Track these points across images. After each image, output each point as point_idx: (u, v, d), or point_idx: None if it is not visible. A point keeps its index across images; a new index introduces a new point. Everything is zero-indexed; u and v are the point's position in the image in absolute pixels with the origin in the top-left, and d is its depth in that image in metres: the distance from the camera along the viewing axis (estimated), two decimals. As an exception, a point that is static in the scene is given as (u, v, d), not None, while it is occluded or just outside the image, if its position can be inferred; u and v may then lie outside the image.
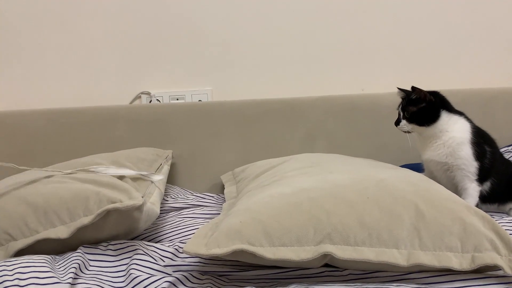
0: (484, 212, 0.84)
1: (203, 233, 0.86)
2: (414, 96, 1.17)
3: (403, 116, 1.20)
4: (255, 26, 1.67)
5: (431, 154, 1.17)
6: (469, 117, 1.21)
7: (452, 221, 0.81)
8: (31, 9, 1.64)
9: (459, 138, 1.14)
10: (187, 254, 0.79)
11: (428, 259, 0.77)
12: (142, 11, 1.65)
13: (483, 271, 0.79)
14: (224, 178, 1.46)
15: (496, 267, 0.77)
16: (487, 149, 1.16)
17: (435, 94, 1.19)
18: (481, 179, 1.14)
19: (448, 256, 0.78)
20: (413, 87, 1.17)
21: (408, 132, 1.20)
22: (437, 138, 1.16)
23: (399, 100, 1.23)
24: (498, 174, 1.17)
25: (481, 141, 1.15)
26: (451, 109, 1.19)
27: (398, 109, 1.23)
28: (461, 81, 1.64)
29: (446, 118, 1.16)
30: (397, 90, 1.23)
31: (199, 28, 1.66)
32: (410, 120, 1.18)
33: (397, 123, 1.21)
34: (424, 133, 1.18)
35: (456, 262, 0.77)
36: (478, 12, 1.65)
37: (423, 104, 1.16)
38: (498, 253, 0.78)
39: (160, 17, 1.66)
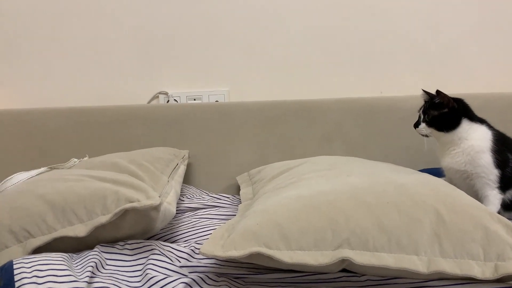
0: (507, 220, 0.82)
1: (220, 234, 0.86)
2: (438, 100, 1.15)
3: (423, 119, 1.18)
4: (273, 27, 1.66)
5: (450, 161, 1.15)
6: (492, 123, 1.18)
7: (474, 227, 0.79)
8: (49, 7, 1.66)
9: (477, 146, 1.12)
10: (203, 255, 0.79)
11: (450, 266, 0.76)
12: (161, 10, 1.66)
13: (505, 281, 0.77)
14: (240, 179, 1.45)
15: (520, 277, 0.75)
16: (510, 156, 1.13)
17: (458, 101, 1.17)
18: (503, 187, 1.12)
19: (470, 264, 0.76)
20: (437, 91, 1.15)
21: (426, 136, 1.19)
22: (455, 145, 1.14)
23: (421, 102, 1.22)
24: None
25: (504, 148, 1.13)
26: (473, 118, 1.17)
27: (419, 111, 1.21)
28: (482, 85, 1.61)
29: (466, 126, 1.14)
30: (421, 92, 1.21)
31: (217, 29, 1.66)
32: (430, 124, 1.17)
33: (416, 125, 1.20)
34: (442, 138, 1.17)
35: (479, 270, 0.75)
36: (499, 16, 1.61)
37: (445, 110, 1.15)
38: (522, 262, 0.75)
39: (178, 17, 1.66)
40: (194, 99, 1.69)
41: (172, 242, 1.05)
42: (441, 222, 0.80)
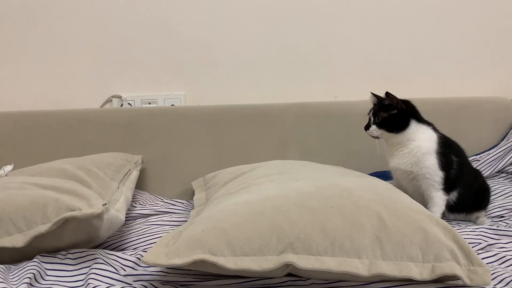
0: (445, 222, 0.85)
1: (165, 242, 0.84)
2: (387, 102, 1.18)
3: (373, 121, 1.20)
4: (230, 32, 1.66)
5: (397, 162, 1.18)
6: (438, 126, 1.22)
7: (413, 230, 0.81)
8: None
9: (424, 147, 1.15)
10: (145, 264, 0.77)
11: (389, 268, 0.77)
12: (115, 13, 1.63)
13: (443, 281, 0.80)
14: (195, 184, 1.44)
15: (455, 277, 0.78)
16: (454, 159, 1.17)
17: (406, 103, 1.20)
18: (447, 188, 1.15)
19: (409, 265, 0.78)
20: (387, 93, 1.17)
21: (377, 137, 1.20)
22: (404, 146, 1.17)
23: (371, 106, 1.24)
24: (465, 184, 1.18)
25: (448, 151, 1.16)
26: (420, 119, 1.20)
27: (369, 114, 1.23)
28: (432, 90, 1.67)
29: (414, 127, 1.17)
30: (370, 95, 1.23)
31: (173, 32, 1.65)
32: (380, 126, 1.18)
33: (367, 127, 1.22)
34: (392, 140, 1.19)
35: (417, 272, 0.77)
36: (448, 24, 1.67)
37: (394, 111, 1.17)
38: (458, 263, 0.78)
39: (133, 19, 1.63)
40: (149, 103, 1.66)
41: (120, 250, 1.03)
42: (383, 226, 0.82)
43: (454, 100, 1.61)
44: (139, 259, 0.90)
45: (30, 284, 0.77)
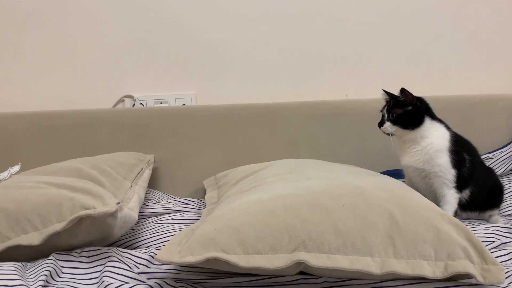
0: (458, 220, 0.84)
1: (178, 240, 0.85)
2: (402, 98, 1.17)
3: (387, 117, 1.19)
4: (240, 31, 1.66)
5: (409, 160, 1.18)
6: (451, 124, 1.22)
7: (426, 229, 0.81)
8: (11, 8, 1.63)
9: (437, 145, 1.14)
10: (159, 262, 0.78)
11: (402, 267, 0.77)
12: (127, 14, 1.64)
13: (456, 279, 0.79)
14: (206, 183, 1.45)
15: (468, 276, 0.77)
16: (467, 157, 1.16)
17: (420, 100, 1.19)
18: (460, 186, 1.15)
19: (422, 264, 0.78)
20: (402, 89, 1.17)
21: (391, 134, 1.20)
22: (416, 144, 1.17)
23: (382, 104, 1.24)
24: (477, 182, 1.18)
25: (460, 149, 1.16)
26: (434, 117, 1.20)
27: (382, 111, 1.22)
28: (443, 88, 1.65)
29: (428, 125, 1.17)
30: (382, 92, 1.23)
31: (184, 32, 1.66)
32: (395, 122, 1.18)
33: (381, 124, 1.21)
34: (406, 136, 1.18)
35: (429, 270, 0.77)
36: (459, 22, 1.66)
37: (409, 108, 1.17)
38: (471, 261, 0.78)
39: (145, 20, 1.65)
40: (161, 103, 1.68)
41: (134, 248, 1.04)
42: (395, 224, 0.82)
43: (467, 97, 1.60)
44: (153, 257, 0.91)
45: (46, 281, 0.79)
